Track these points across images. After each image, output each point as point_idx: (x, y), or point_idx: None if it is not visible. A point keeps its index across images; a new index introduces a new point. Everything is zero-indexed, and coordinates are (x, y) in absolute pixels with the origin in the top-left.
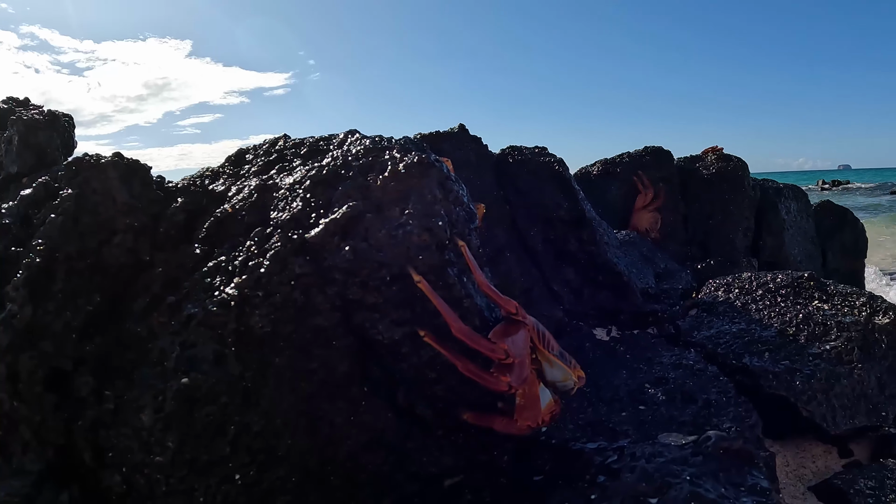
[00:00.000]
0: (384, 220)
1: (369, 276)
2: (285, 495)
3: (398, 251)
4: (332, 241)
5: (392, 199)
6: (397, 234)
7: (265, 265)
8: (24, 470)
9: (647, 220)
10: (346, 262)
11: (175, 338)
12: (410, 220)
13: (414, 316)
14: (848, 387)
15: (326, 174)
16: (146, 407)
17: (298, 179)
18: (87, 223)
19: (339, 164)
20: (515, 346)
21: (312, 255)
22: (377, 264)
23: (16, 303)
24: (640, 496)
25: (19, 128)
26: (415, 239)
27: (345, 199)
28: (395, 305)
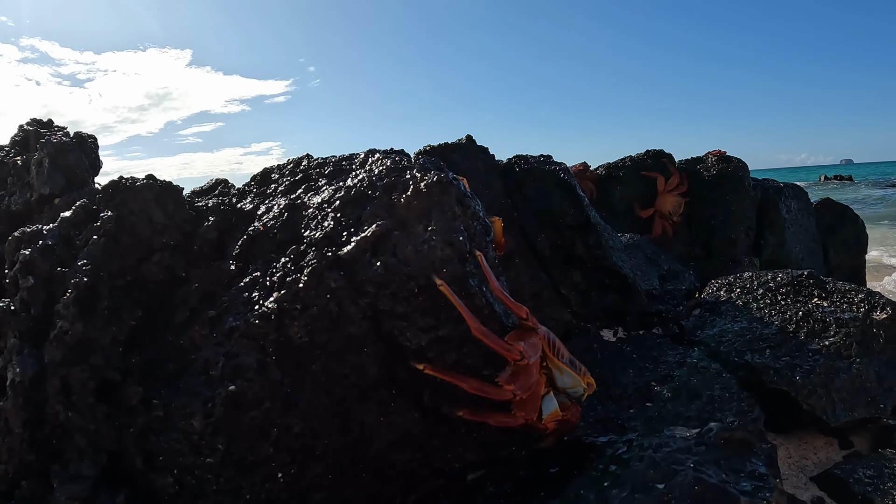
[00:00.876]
0: (410, 236)
1: (399, 287)
2: (321, 492)
3: (424, 264)
4: (364, 256)
5: (415, 216)
6: (423, 248)
7: (303, 280)
8: (81, 475)
9: (671, 203)
10: (378, 276)
11: (219, 348)
12: (434, 236)
13: (439, 323)
14: (847, 380)
15: (355, 194)
16: (196, 413)
17: (327, 199)
18: (126, 243)
19: (365, 185)
20: (530, 348)
21: (346, 269)
22: (406, 277)
23: (67, 320)
24: (648, 482)
25: (49, 150)
26: (438, 253)
27: (373, 217)
28: (421, 314)
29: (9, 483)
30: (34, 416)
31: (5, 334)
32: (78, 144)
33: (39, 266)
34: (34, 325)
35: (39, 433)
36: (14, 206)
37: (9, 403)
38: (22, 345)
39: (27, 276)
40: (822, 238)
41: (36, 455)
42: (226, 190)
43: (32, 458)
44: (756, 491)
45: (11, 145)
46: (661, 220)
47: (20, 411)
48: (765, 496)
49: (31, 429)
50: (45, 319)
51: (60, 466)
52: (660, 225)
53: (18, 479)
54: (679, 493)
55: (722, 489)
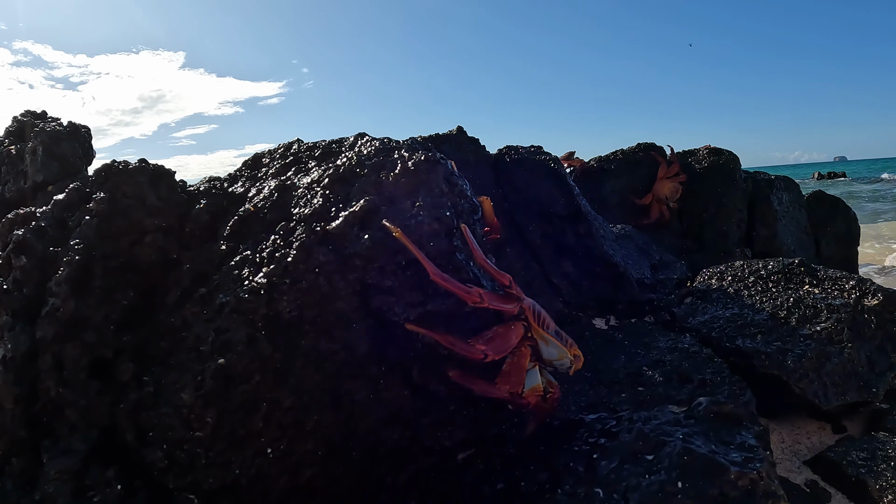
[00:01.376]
0: (397, 212)
1: (386, 262)
2: (313, 467)
3: (412, 239)
4: (352, 231)
5: (403, 193)
6: (410, 223)
7: (292, 255)
8: (71, 449)
9: (669, 188)
10: (366, 250)
11: (209, 324)
12: (421, 212)
13: (426, 298)
14: (839, 365)
15: (343, 172)
16: (187, 386)
17: (316, 178)
18: (119, 225)
19: (354, 163)
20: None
21: (334, 244)
22: (393, 251)
23: (59, 297)
24: (637, 454)
25: (43, 139)
26: (426, 228)
27: (361, 194)
28: (409, 288)
29: (0, 459)
30: (26, 393)
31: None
32: (71, 133)
33: (33, 246)
34: (27, 303)
35: (31, 409)
36: (8, 193)
37: (1, 379)
38: (14, 322)
39: (20, 255)
40: (814, 230)
41: (28, 431)
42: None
43: (24, 434)
44: (746, 462)
45: (6, 135)
46: (658, 205)
47: (12, 387)
48: (755, 467)
49: (22, 405)
50: (37, 299)
51: (51, 441)
52: (657, 209)
53: (9, 455)
54: (668, 464)
55: (711, 459)
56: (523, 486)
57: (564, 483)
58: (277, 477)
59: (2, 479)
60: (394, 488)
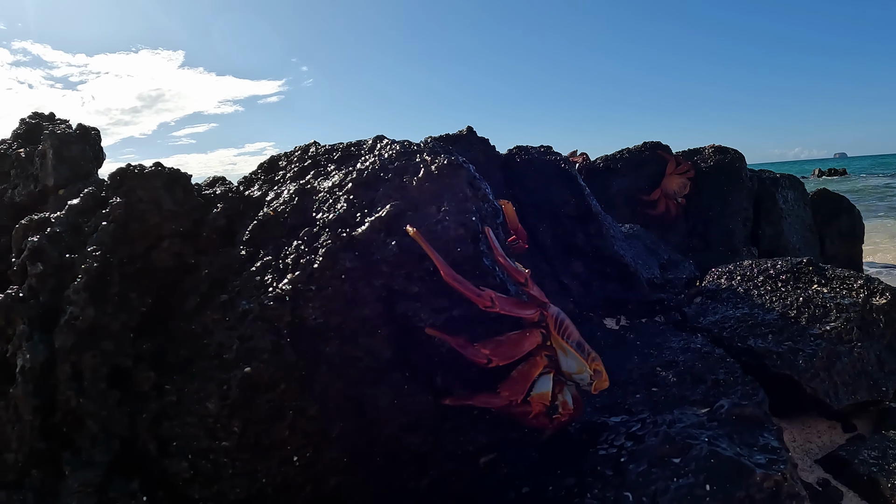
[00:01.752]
0: (423, 217)
1: (413, 268)
2: (337, 475)
3: (438, 244)
4: (378, 237)
5: (427, 198)
6: (436, 229)
7: (318, 261)
8: (93, 461)
9: (677, 183)
10: (394, 256)
11: (232, 332)
12: (447, 217)
13: (452, 304)
14: (849, 364)
15: (367, 177)
16: (212, 396)
17: (338, 182)
18: (135, 230)
19: (377, 168)
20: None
21: (360, 250)
22: (419, 257)
23: (77, 305)
24: (664, 457)
25: (53, 142)
26: (452, 233)
27: (386, 199)
28: (435, 294)
29: (18, 472)
30: (45, 403)
31: (13, 322)
32: (82, 136)
33: (48, 253)
34: (43, 312)
35: (50, 420)
36: (18, 197)
37: (18, 390)
38: (31, 331)
39: (36, 263)
40: (818, 228)
41: (46, 443)
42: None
43: (43, 446)
44: (770, 464)
45: (13, 138)
46: (665, 200)
47: (30, 398)
48: (779, 469)
49: (41, 416)
50: (54, 307)
51: (72, 453)
52: (664, 203)
53: (28, 467)
54: (695, 467)
55: (737, 462)
56: (550, 490)
57: (593, 487)
58: (303, 486)
59: (22, 492)
60: (416, 494)
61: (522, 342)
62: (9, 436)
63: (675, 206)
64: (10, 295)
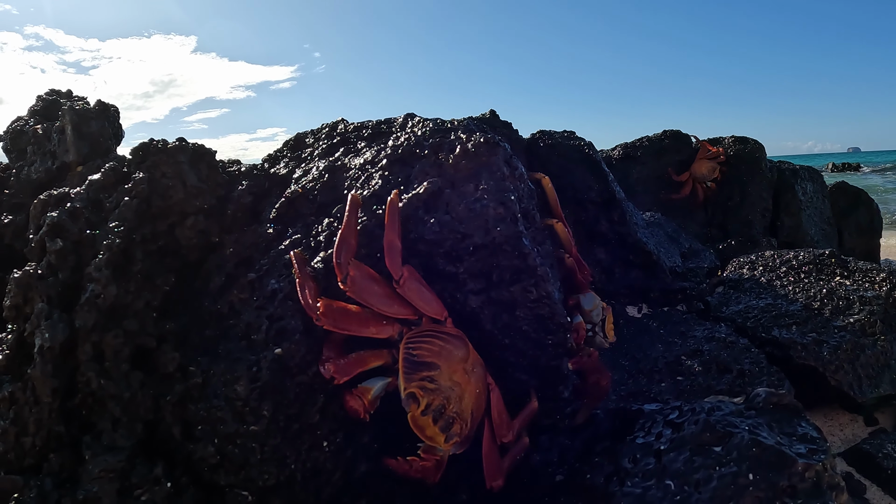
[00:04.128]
0: (461, 195)
1: (453, 246)
2: (367, 462)
3: (478, 223)
4: (417, 214)
5: (464, 176)
6: (475, 207)
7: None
8: (115, 446)
9: (707, 167)
10: (433, 234)
11: (261, 312)
12: (486, 195)
13: (490, 285)
14: (872, 357)
15: (402, 153)
16: (241, 378)
17: (370, 159)
18: (159, 206)
19: (412, 144)
20: (341, 365)
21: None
22: (461, 235)
23: (99, 283)
24: (705, 445)
25: (72, 118)
26: (491, 212)
27: (423, 175)
28: (472, 275)
29: (36, 456)
30: (64, 385)
31: (31, 299)
32: (101, 112)
33: (68, 229)
34: (63, 290)
35: (69, 402)
36: (35, 174)
37: (37, 371)
38: (51, 309)
39: (55, 239)
40: (837, 221)
41: (65, 426)
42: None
43: (62, 429)
44: (810, 453)
45: (30, 115)
46: (693, 183)
47: (49, 379)
48: (819, 458)
49: (60, 398)
50: (74, 284)
51: (93, 437)
52: (690, 185)
53: (46, 451)
54: (737, 455)
55: (779, 451)
56: (588, 478)
57: (634, 475)
58: (332, 472)
59: (40, 476)
60: (444, 481)
61: (368, 358)
62: (26, 418)
63: (703, 189)
64: (28, 272)
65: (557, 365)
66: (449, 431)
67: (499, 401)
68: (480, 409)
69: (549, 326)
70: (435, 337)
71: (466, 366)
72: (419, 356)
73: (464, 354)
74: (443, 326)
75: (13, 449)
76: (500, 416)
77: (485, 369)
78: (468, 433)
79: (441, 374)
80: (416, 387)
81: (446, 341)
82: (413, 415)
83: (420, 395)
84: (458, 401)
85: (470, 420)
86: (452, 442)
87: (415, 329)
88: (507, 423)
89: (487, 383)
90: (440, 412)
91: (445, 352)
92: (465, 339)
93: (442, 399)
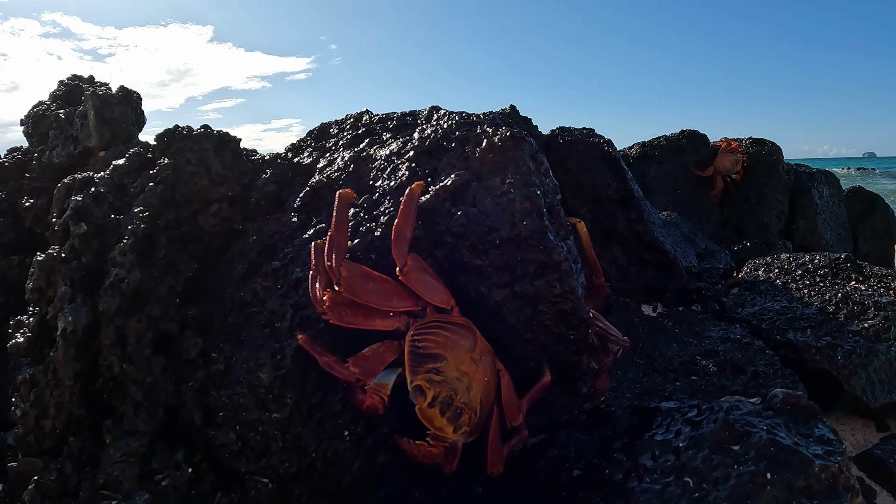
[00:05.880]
0: (487, 189)
1: (479, 239)
2: (387, 452)
3: (504, 217)
4: (444, 206)
5: (491, 169)
6: (502, 201)
7: (379, 229)
8: (137, 430)
9: (730, 160)
10: (460, 226)
11: (285, 300)
12: (512, 189)
13: (514, 279)
14: (886, 363)
15: (430, 145)
16: (265, 365)
17: (396, 151)
18: (183, 193)
19: (439, 136)
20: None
21: (424, 219)
22: (487, 228)
23: (124, 267)
24: (723, 443)
25: (95, 103)
26: (517, 205)
27: (450, 168)
28: (497, 269)
29: (56, 439)
30: (86, 369)
31: (54, 283)
32: (124, 98)
33: (92, 213)
34: (86, 273)
35: (91, 386)
36: (57, 158)
37: (59, 354)
38: (74, 293)
39: (79, 222)
40: (852, 226)
41: (86, 410)
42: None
43: (83, 412)
44: (827, 455)
45: (52, 99)
46: (719, 178)
47: (71, 362)
48: (836, 460)
49: (82, 381)
50: (97, 268)
51: (114, 421)
52: (719, 181)
53: (67, 435)
54: (755, 454)
55: (797, 451)
56: (607, 473)
57: (652, 471)
58: (352, 461)
59: (60, 459)
60: (461, 473)
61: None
62: (47, 401)
63: (731, 182)
64: (52, 255)
65: (578, 361)
66: (457, 422)
67: (509, 386)
68: (490, 397)
69: (571, 322)
70: (440, 328)
71: (474, 355)
72: (425, 348)
73: (471, 343)
74: (449, 316)
75: (33, 431)
76: (509, 401)
77: (493, 356)
78: (477, 422)
79: (447, 366)
80: (423, 379)
81: (452, 331)
82: (420, 407)
83: (426, 388)
84: (465, 391)
85: (479, 409)
86: (461, 432)
87: (420, 321)
88: (517, 407)
89: (497, 370)
90: (447, 404)
91: (451, 342)
92: (472, 327)
93: (449, 390)
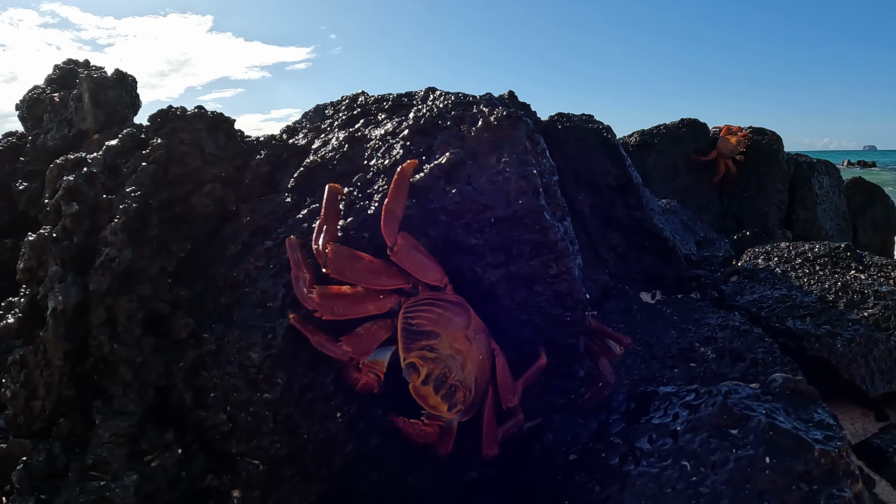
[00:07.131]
0: (483, 167)
1: (474, 218)
2: (380, 434)
3: (499, 195)
4: (438, 184)
5: (486, 148)
6: (497, 179)
7: (372, 207)
8: (126, 411)
9: (734, 139)
10: (454, 204)
11: (277, 280)
12: (508, 168)
13: (509, 259)
14: (885, 352)
15: (424, 124)
16: (256, 345)
17: (391, 130)
18: (176, 173)
19: (434, 115)
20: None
21: (418, 197)
22: (482, 207)
23: (115, 247)
24: (721, 427)
25: (89, 85)
26: (513, 184)
27: (444, 146)
28: (492, 248)
29: (46, 420)
30: (76, 349)
31: (45, 262)
32: (118, 81)
33: (84, 192)
34: (77, 253)
35: (80, 367)
36: (51, 141)
37: (49, 333)
38: (65, 272)
39: (71, 202)
40: (852, 217)
41: (76, 390)
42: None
43: (72, 392)
44: (827, 440)
45: (47, 83)
46: (722, 161)
47: (61, 342)
48: (836, 445)
49: (72, 361)
50: (88, 248)
51: (103, 402)
52: (722, 165)
53: (56, 416)
54: (754, 439)
55: (796, 436)
56: (603, 457)
57: (649, 455)
58: (345, 443)
59: (49, 440)
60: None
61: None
62: (37, 382)
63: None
64: (43, 235)
65: (574, 343)
66: (451, 400)
67: (504, 367)
68: (485, 377)
69: (567, 303)
70: (433, 305)
71: (468, 332)
72: (417, 325)
73: (465, 321)
74: (442, 294)
75: (22, 412)
76: (505, 382)
77: (488, 335)
78: (472, 401)
79: (441, 343)
80: (416, 356)
81: (445, 308)
82: (414, 384)
83: (420, 365)
84: (460, 369)
85: (474, 387)
86: (456, 410)
87: (413, 298)
88: (512, 388)
89: (492, 349)
90: (441, 381)
91: (445, 319)
92: (466, 305)
93: (443, 368)
